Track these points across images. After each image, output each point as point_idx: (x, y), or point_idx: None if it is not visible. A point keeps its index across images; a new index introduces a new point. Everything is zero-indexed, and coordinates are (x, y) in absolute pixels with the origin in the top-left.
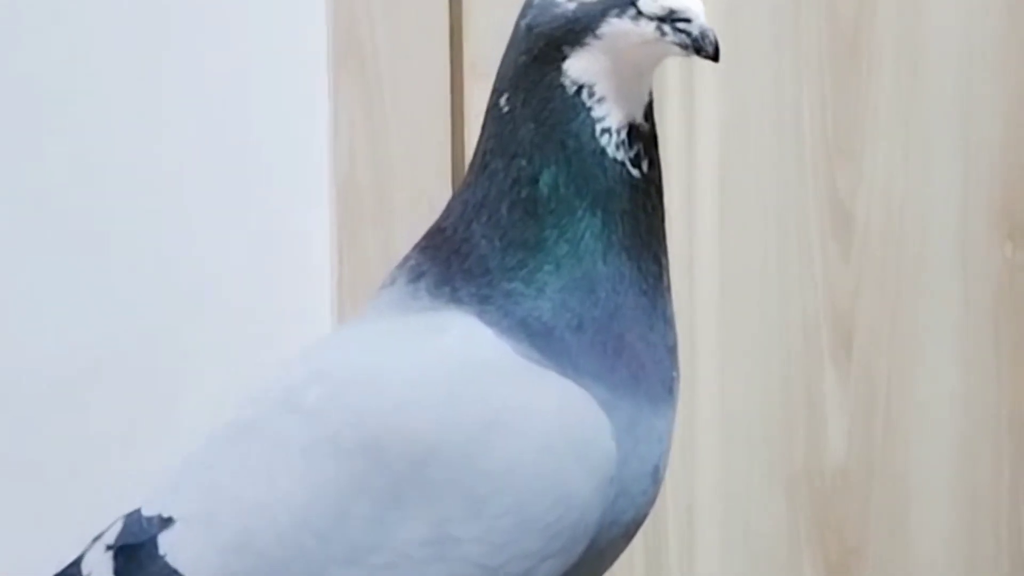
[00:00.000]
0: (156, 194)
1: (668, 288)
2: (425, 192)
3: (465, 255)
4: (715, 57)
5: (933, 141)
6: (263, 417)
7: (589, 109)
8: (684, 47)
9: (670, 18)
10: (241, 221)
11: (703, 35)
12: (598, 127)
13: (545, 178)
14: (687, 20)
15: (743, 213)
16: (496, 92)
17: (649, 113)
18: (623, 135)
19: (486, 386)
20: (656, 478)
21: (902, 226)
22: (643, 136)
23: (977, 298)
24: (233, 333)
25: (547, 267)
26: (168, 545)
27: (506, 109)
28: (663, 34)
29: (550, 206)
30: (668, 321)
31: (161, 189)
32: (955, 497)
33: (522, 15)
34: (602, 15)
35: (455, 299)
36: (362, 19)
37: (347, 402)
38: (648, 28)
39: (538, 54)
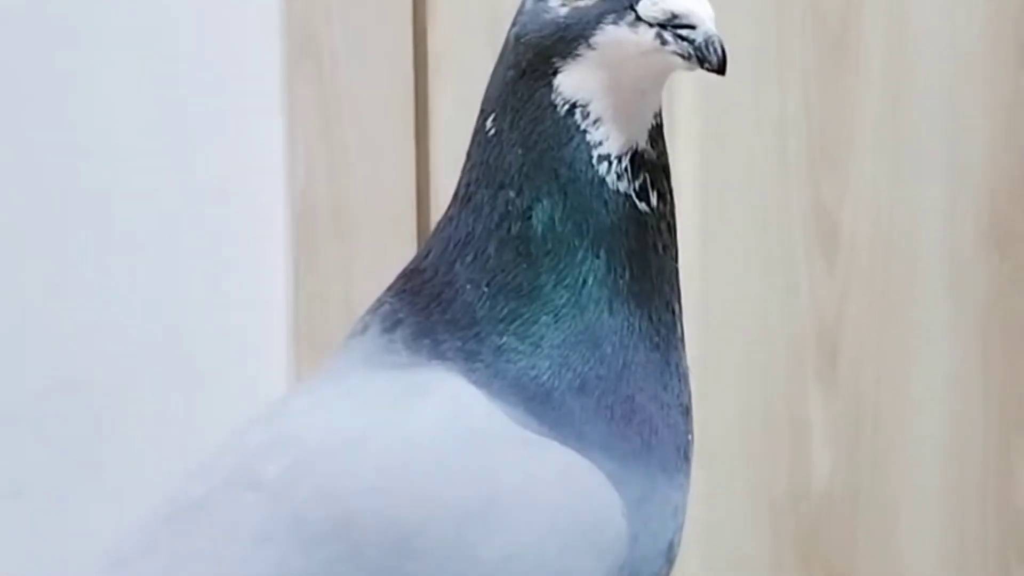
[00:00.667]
0: (91, 211)
1: (682, 339)
2: (389, 208)
3: (448, 302)
4: (721, 70)
5: (920, 149)
6: (213, 494)
7: (584, 132)
8: (686, 57)
9: (671, 24)
10: (187, 242)
11: (708, 43)
12: (595, 153)
13: (538, 213)
14: (691, 27)
15: (724, 224)
16: (482, 113)
17: (656, 138)
18: (625, 163)
19: (478, 460)
20: (670, 557)
21: (889, 237)
22: (649, 164)
23: (966, 310)
24: (179, 368)
25: (544, 318)
26: None
27: (492, 132)
28: (663, 43)
29: (546, 246)
30: (683, 377)
31: (98, 206)
32: (944, 519)
33: (512, 23)
34: (597, 22)
35: (438, 354)
36: (319, 17)
37: (314, 478)
38: (647, 36)
39: (527, 68)
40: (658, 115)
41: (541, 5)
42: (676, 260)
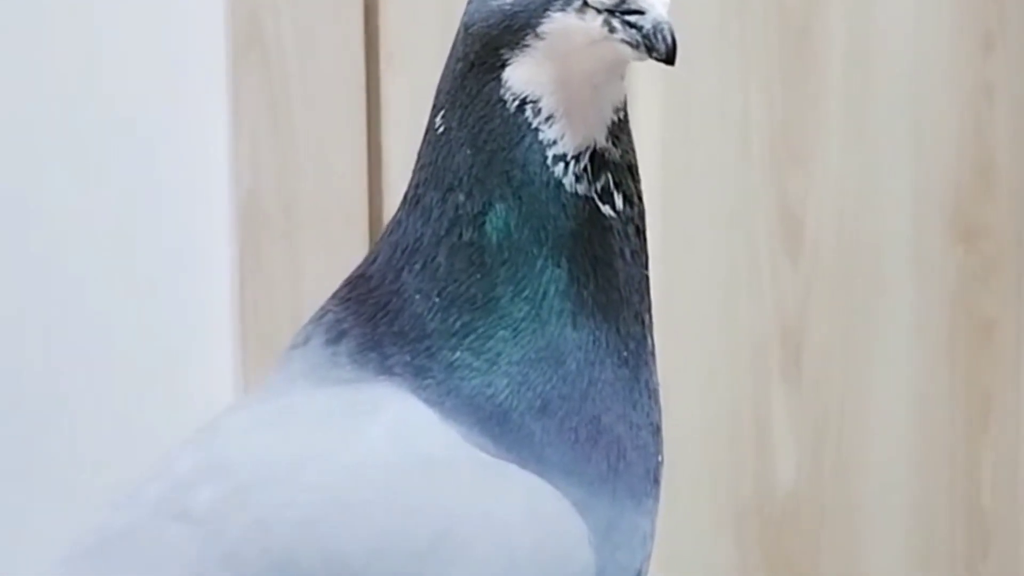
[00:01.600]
0: (29, 211)
1: (653, 353)
2: (339, 209)
3: (396, 312)
4: (670, 59)
5: (885, 144)
6: (138, 525)
7: (536, 130)
8: (634, 46)
9: (619, 9)
10: (129, 242)
11: (656, 30)
12: (549, 153)
13: (492, 219)
14: (639, 12)
15: (687, 221)
16: (433, 109)
17: (619, 135)
18: (583, 162)
19: (431, 488)
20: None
21: (853, 233)
22: (611, 164)
23: (931, 306)
24: (122, 371)
25: (501, 332)
26: None
27: (441, 130)
28: (611, 30)
29: (501, 255)
30: (653, 395)
31: (36, 205)
32: (909, 519)
33: (464, 12)
34: (544, 9)
35: (385, 369)
36: (265, 9)
37: (249, 509)
38: (595, 24)
39: (475, 60)
40: (620, 110)
41: None
42: (646, 267)
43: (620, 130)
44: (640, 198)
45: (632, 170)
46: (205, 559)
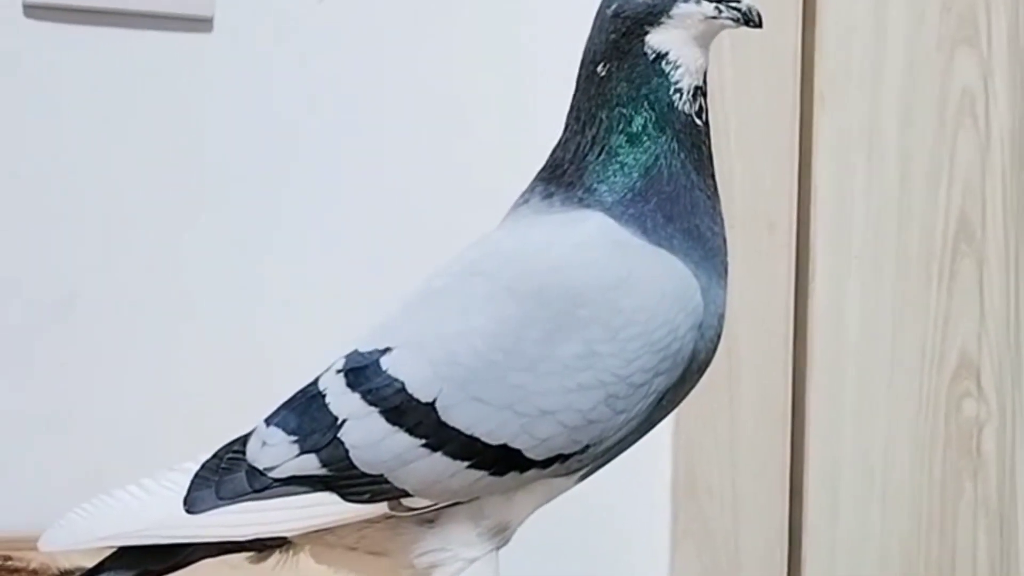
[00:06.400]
0: None
1: (718, 196)
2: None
3: (582, 177)
4: (760, 25)
5: None
6: (452, 281)
7: (667, 73)
8: (736, 21)
9: (725, 0)
10: None
11: (750, 10)
12: (672, 87)
13: (638, 121)
14: (737, 1)
15: None
16: (591, 63)
17: (706, 80)
18: (690, 94)
19: (619, 255)
20: (720, 325)
21: None
22: (703, 95)
23: None
24: None
25: (645, 180)
26: (389, 363)
27: (603, 74)
28: (720, 12)
29: (644, 140)
30: (721, 219)
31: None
32: None
33: (606, 4)
34: (673, 1)
35: (584, 204)
36: None
37: (519, 265)
38: (708, 8)
39: (625, 31)
40: (706, 66)
41: None
42: (711, 153)
43: (706, 78)
44: (708, 115)
45: (706, 99)
46: (495, 291)
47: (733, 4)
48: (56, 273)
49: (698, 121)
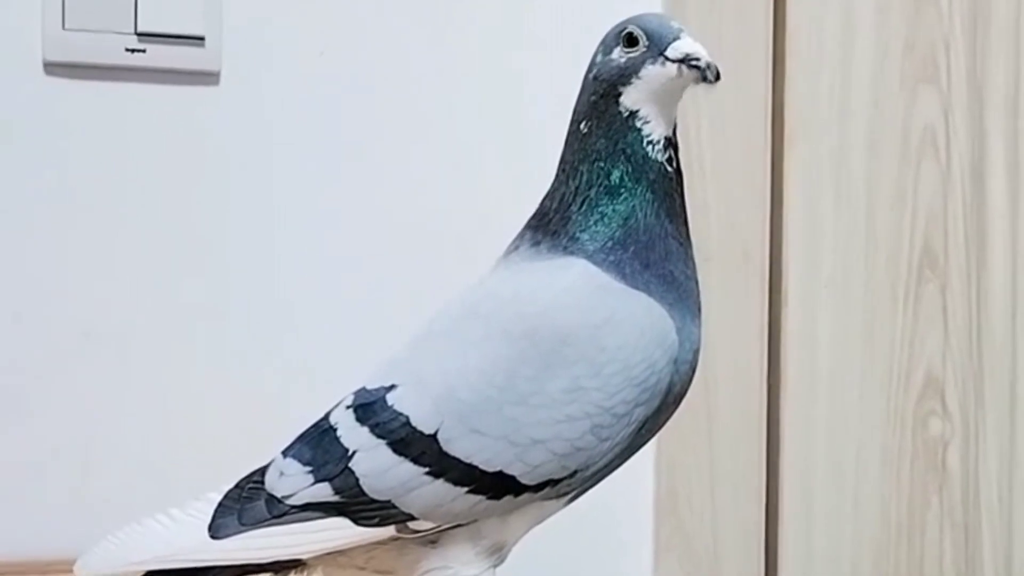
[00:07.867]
0: None
1: (690, 242)
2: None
3: (566, 227)
4: (718, 79)
5: None
6: (452, 323)
7: (639, 128)
8: (696, 80)
9: (686, 60)
10: None
11: (708, 66)
12: (645, 140)
13: (615, 173)
14: (697, 58)
15: None
16: (575, 122)
17: (675, 131)
18: (661, 144)
19: (602, 299)
20: (694, 360)
21: None
22: (673, 145)
23: None
24: None
25: (623, 230)
26: (394, 399)
27: (585, 131)
28: (681, 72)
29: (621, 191)
30: (692, 264)
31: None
32: None
33: (589, 70)
34: (642, 64)
35: (568, 252)
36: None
37: (512, 308)
38: (672, 69)
39: (603, 93)
40: (675, 118)
41: (608, 58)
42: (684, 200)
43: (675, 128)
44: (680, 164)
45: (678, 149)
46: (491, 332)
47: (694, 63)
48: (75, 312)
49: (669, 169)
